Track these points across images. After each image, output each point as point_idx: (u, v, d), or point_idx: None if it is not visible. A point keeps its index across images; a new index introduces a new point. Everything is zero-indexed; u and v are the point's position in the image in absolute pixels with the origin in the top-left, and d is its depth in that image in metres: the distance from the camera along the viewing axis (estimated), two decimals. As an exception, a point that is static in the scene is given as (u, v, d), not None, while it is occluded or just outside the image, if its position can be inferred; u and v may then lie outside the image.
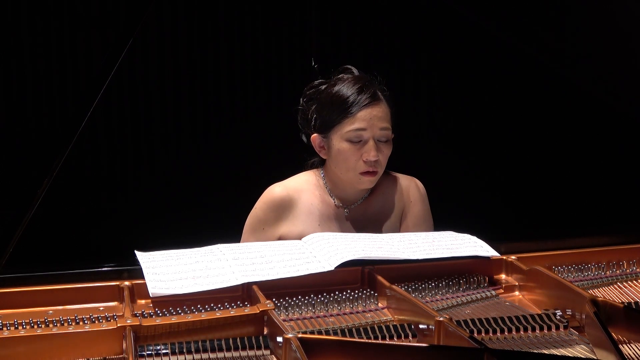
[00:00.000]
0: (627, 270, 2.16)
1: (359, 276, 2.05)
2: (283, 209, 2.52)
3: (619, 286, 2.07)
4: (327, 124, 2.47)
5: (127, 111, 4.21)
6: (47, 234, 3.57)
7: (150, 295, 1.85)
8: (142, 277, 1.92)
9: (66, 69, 4.07)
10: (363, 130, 2.43)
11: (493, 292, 2.02)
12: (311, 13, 4.32)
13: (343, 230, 2.52)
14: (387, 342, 1.70)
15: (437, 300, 1.96)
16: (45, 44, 4.03)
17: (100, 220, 4.14)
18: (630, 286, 2.07)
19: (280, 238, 2.51)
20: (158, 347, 1.65)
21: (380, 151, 2.45)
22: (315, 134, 2.52)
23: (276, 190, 2.53)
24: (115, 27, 3.97)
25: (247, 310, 1.78)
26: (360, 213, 2.56)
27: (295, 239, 2.31)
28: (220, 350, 1.65)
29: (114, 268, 1.99)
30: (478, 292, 2.01)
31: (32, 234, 1.96)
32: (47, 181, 1.89)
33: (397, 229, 2.58)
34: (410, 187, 2.61)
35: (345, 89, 2.46)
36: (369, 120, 2.43)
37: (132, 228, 3.90)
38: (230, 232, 2.51)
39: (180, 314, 1.78)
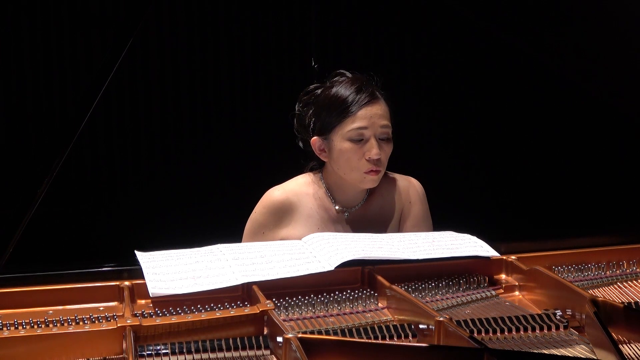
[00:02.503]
0: (627, 270, 2.15)
1: (359, 276, 2.05)
2: (283, 212, 2.51)
3: (619, 286, 2.07)
4: (327, 125, 2.47)
5: (127, 111, 4.22)
6: (47, 234, 3.57)
7: (150, 295, 1.85)
8: (142, 277, 1.92)
9: (66, 69, 4.07)
10: (364, 129, 2.42)
11: (493, 292, 2.02)
12: (311, 13, 4.32)
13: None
14: (387, 342, 1.70)
15: (437, 300, 1.96)
16: (45, 44, 4.03)
17: (100, 220, 4.15)
18: (630, 286, 2.07)
19: (280, 241, 2.51)
20: (158, 347, 1.65)
21: (382, 149, 2.44)
22: (315, 137, 2.50)
23: (275, 194, 2.52)
24: (115, 27, 3.97)
25: (247, 310, 1.78)
26: (360, 216, 2.55)
27: (295, 241, 2.31)
28: (220, 350, 1.65)
29: (114, 268, 1.99)
30: (478, 292, 2.01)
31: (32, 234, 1.96)
32: (47, 181, 1.89)
33: (397, 230, 2.57)
34: (409, 187, 2.61)
35: (344, 90, 2.46)
36: (370, 118, 2.43)
37: (132, 228, 3.91)
38: (231, 232, 2.50)
39: (180, 314, 1.78)
